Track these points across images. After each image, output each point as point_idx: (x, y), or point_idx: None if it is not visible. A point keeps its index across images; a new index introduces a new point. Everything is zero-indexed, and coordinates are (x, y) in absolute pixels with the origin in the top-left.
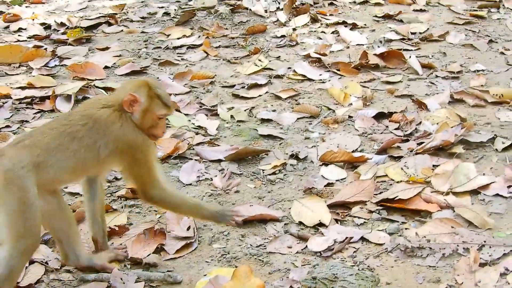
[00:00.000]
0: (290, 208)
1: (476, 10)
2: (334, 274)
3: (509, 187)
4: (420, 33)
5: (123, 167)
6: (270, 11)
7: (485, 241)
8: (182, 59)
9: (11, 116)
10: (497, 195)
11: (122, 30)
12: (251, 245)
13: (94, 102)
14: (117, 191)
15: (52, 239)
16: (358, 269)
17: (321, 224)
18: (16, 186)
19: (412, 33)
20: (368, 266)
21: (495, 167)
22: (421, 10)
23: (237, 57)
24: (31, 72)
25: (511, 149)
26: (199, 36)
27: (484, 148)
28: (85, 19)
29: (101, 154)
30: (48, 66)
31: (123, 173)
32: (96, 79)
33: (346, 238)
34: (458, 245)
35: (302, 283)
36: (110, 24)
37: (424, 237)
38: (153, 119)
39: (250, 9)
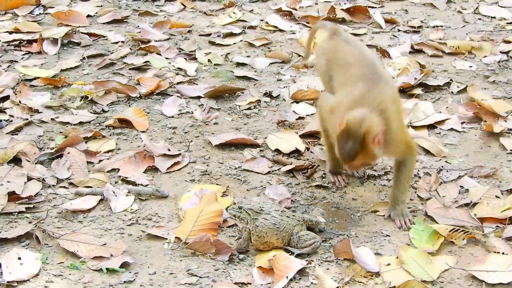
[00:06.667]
0: (266, 138)
1: None
2: (261, 207)
3: (462, 123)
4: None
5: None
6: None
7: (442, 166)
8: (160, 10)
9: (1, 56)
10: (452, 129)
11: None
12: (230, 167)
13: None
14: (105, 121)
15: (48, 159)
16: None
17: (296, 151)
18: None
19: None
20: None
21: (450, 107)
22: None
23: (213, 10)
24: (16, 19)
25: (465, 92)
26: None
27: (441, 91)
28: None
29: None
30: (32, 14)
31: None
32: (80, 26)
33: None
34: (419, 170)
35: (228, 211)
36: None
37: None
38: None
39: None
